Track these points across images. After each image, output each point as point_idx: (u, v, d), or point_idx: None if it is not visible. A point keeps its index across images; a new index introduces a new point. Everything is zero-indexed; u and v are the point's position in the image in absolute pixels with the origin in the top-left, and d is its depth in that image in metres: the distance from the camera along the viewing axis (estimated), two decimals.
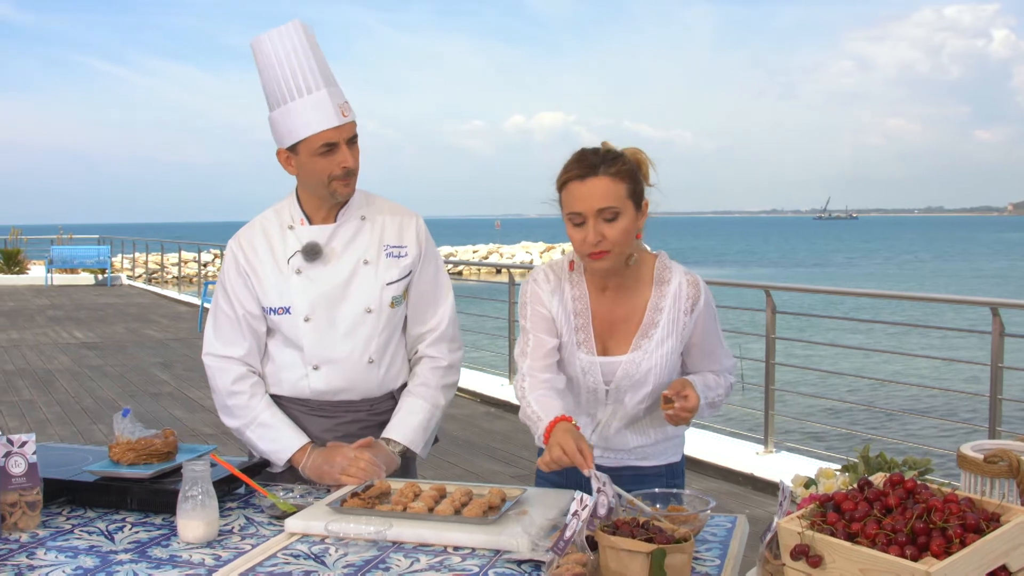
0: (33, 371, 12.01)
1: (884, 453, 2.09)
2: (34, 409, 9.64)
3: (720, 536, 2.28)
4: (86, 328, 16.61)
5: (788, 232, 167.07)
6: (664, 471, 2.80)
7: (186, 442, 2.83)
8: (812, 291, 8.43)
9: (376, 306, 2.88)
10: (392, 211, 3.00)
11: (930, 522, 1.68)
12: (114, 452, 2.63)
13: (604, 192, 2.49)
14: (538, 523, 2.25)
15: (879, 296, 8.31)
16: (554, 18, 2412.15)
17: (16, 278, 26.83)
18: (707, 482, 7.01)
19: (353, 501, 2.43)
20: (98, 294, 23.64)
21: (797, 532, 1.77)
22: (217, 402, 2.96)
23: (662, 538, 1.82)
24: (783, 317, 7.54)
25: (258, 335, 2.93)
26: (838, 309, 24.56)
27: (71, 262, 26.95)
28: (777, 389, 7.52)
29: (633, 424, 2.74)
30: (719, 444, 7.69)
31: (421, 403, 2.94)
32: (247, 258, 2.92)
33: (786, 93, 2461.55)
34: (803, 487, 2.12)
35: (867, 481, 1.86)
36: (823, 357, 15.83)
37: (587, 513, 1.89)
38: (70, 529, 2.39)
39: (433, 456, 7.22)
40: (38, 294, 23.47)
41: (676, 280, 2.66)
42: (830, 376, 12.87)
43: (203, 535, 2.28)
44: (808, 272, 58.88)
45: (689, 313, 2.64)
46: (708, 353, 2.73)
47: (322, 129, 2.73)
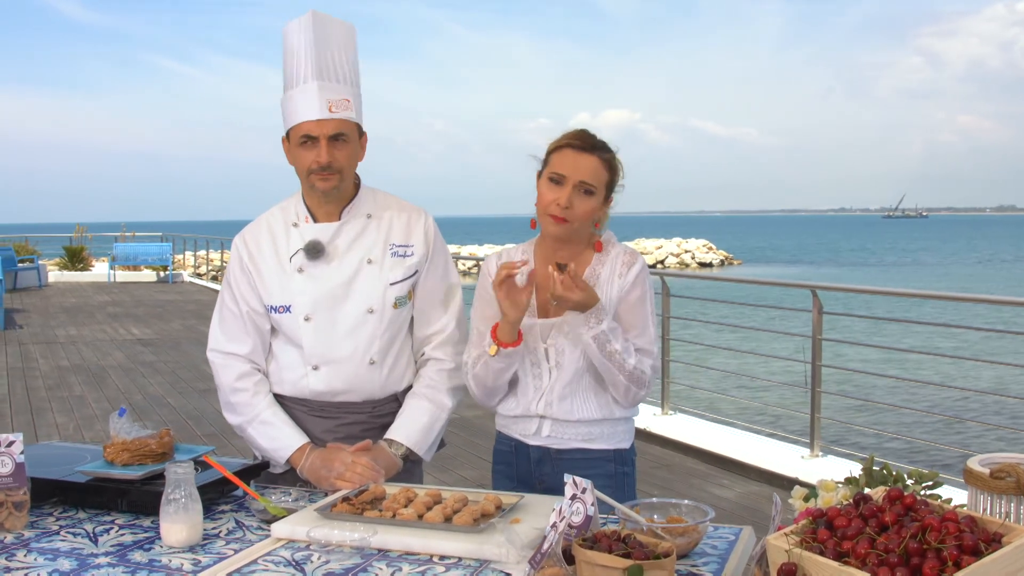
0: (87, 367, 12.16)
1: (888, 465, 1.96)
2: (84, 405, 9.75)
3: (720, 549, 2.17)
4: (143, 325, 16.81)
5: (856, 231, 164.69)
6: (612, 456, 2.80)
7: (217, 440, 2.79)
8: (859, 291, 8.21)
9: (378, 306, 2.81)
10: (399, 209, 2.93)
11: (925, 542, 1.56)
12: (108, 452, 2.59)
13: (592, 169, 2.68)
14: (529, 532, 2.16)
15: (922, 296, 8.06)
16: (620, 15, 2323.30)
17: (80, 275, 27.30)
18: (749, 485, 6.86)
19: (343, 506, 2.36)
20: (159, 291, 23.94)
21: (784, 550, 1.66)
22: (221, 398, 2.93)
23: (640, 553, 1.71)
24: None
25: (262, 333, 2.89)
26: (913, 312, 24.00)
27: (133, 259, 27.35)
28: (825, 392, 7.34)
29: (575, 391, 2.75)
30: (763, 446, 7.53)
31: (426, 404, 2.87)
32: (251, 255, 2.88)
33: (854, 90, 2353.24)
34: (802, 500, 2.00)
35: (863, 496, 1.74)
36: (900, 360, 15.52)
37: (564, 524, 1.80)
38: (57, 530, 2.35)
39: (442, 461, 7.20)
40: (100, 291, 23.84)
41: (616, 250, 2.79)
42: (887, 379, 12.58)
43: (185, 539, 2.22)
44: (893, 271, 57.83)
45: (621, 276, 2.74)
46: (630, 327, 2.74)
47: (302, 120, 2.70)
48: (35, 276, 24.72)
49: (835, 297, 17.54)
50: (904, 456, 9.20)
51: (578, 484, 1.99)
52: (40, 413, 9.38)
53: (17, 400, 10.03)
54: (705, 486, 6.87)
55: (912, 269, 59.15)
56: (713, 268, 57.70)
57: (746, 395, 12.05)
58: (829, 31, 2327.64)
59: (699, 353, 12.30)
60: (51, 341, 14.59)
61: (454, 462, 7.35)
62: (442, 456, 7.66)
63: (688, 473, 7.22)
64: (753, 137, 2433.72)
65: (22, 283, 24.00)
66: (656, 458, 7.56)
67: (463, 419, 8.55)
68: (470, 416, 8.76)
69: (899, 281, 45.87)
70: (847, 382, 12.44)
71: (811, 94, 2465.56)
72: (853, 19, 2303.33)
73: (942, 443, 8.89)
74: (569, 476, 2.03)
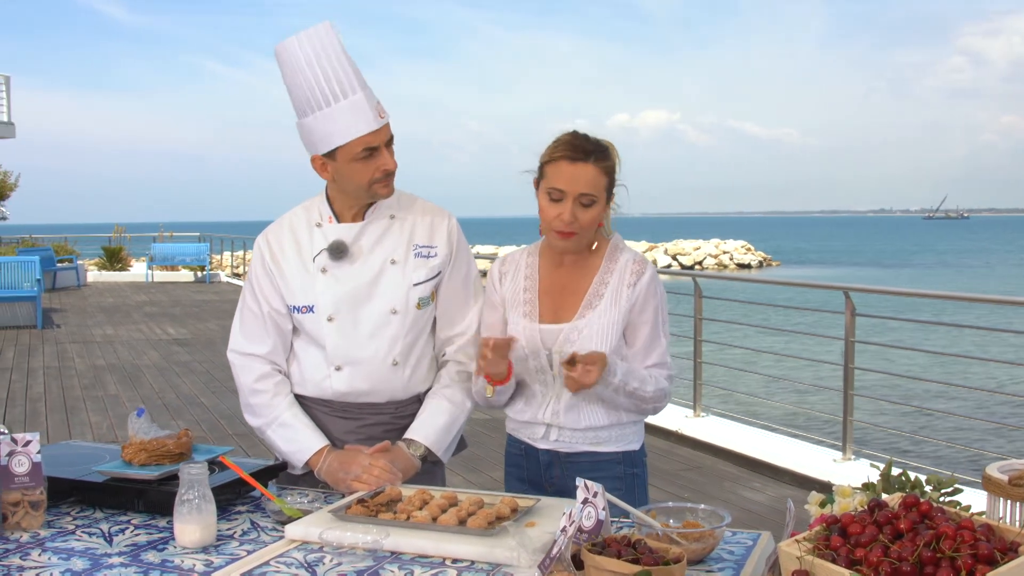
0: (122, 366, 12.27)
1: (907, 471, 1.92)
2: (118, 404, 9.84)
3: (737, 555, 2.13)
4: (179, 324, 16.95)
5: (896, 232, 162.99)
6: (621, 458, 2.77)
7: (248, 440, 2.79)
8: (891, 293, 8.10)
9: (402, 307, 2.80)
10: (423, 210, 2.91)
11: (939, 550, 1.52)
12: (126, 452, 2.59)
13: (590, 179, 2.62)
14: (542, 536, 2.13)
15: (954, 299, 7.93)
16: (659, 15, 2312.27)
17: (118, 275, 27.58)
18: (781, 488, 6.79)
19: (357, 508, 2.34)
20: (196, 291, 24.12)
21: (796, 556, 1.63)
22: (241, 400, 2.93)
23: (649, 559, 1.69)
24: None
25: (283, 333, 2.88)
26: (960, 315, 23.60)
27: (171, 259, 27.60)
28: (857, 394, 7.25)
29: (582, 400, 2.71)
30: (795, 449, 7.46)
31: (446, 404, 2.86)
32: (273, 255, 2.87)
33: (896, 90, 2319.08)
34: (819, 505, 1.97)
35: (878, 502, 1.70)
36: (946, 364, 15.30)
37: (573, 529, 1.77)
38: (73, 530, 2.36)
39: (472, 462, 7.17)
40: (138, 290, 24.07)
41: (625, 257, 2.74)
42: (923, 383, 12.41)
43: (199, 539, 2.22)
44: (938, 272, 57.11)
45: (632, 286, 2.69)
46: (640, 338, 2.71)
47: (362, 134, 2.64)
48: (74, 276, 25.01)
49: (877, 299, 17.35)
50: (942, 462, 9.07)
51: (590, 488, 1.97)
52: (75, 412, 9.48)
53: (52, 399, 10.14)
54: (736, 489, 6.81)
55: (956, 271, 58.45)
56: (752, 269, 57.34)
57: (779, 397, 11.94)
58: (871, 30, 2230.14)
59: (733, 355, 12.22)
60: (88, 340, 14.74)
61: (484, 463, 7.32)
62: (472, 457, 7.70)
63: (719, 476, 7.16)
64: (794, 137, 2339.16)
65: (61, 283, 24.29)
66: (687, 460, 7.50)
67: (494, 420, 8.52)
68: (501, 417, 8.68)
69: (941, 283, 45.33)
70: (885, 384, 12.30)
71: (852, 94, 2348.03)
72: (895, 18, 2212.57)
73: (984, 448, 8.76)
74: (581, 480, 2.01)
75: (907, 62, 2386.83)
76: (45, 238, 28.47)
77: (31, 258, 17.66)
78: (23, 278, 16.90)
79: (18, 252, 22.08)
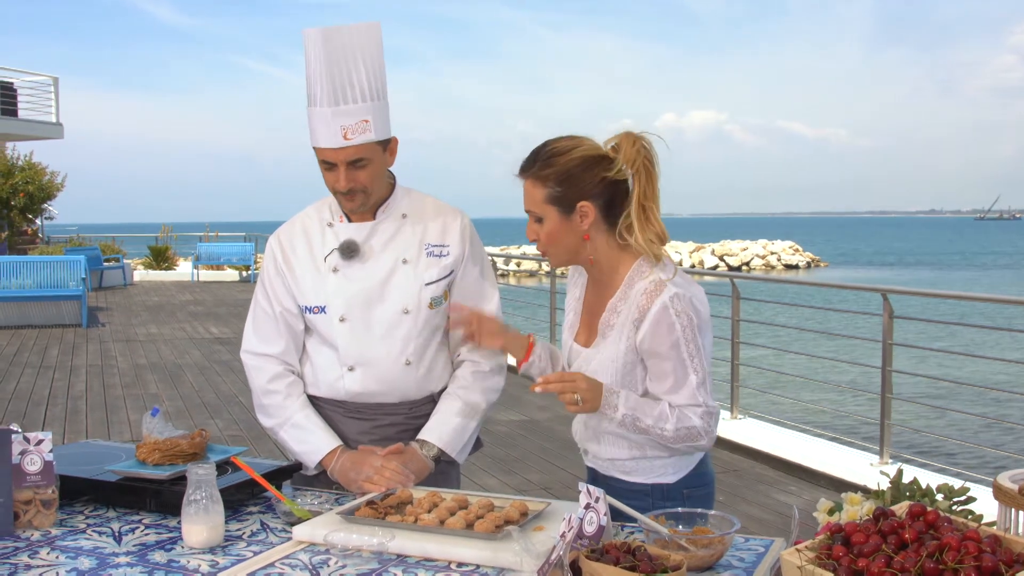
0: (164, 365, 12.39)
1: (917, 479, 1.87)
2: (157, 402, 9.93)
3: (747, 562, 2.09)
4: (222, 323, 17.08)
5: (947, 233, 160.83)
6: (650, 490, 2.56)
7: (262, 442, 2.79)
8: (930, 295, 7.97)
9: (414, 307, 2.78)
10: (436, 209, 2.89)
11: (942, 562, 1.48)
12: (141, 452, 2.60)
13: (527, 195, 2.52)
14: (547, 541, 2.10)
15: (997, 301, 7.79)
16: (707, 15, 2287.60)
17: (164, 274, 27.87)
18: (817, 492, 6.70)
19: (365, 510, 2.33)
20: (240, 290, 24.31)
21: (797, 566, 1.59)
22: (254, 401, 2.92)
23: (647, 566, 1.65)
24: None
25: (296, 333, 2.88)
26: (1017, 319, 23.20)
27: (216, 259, 27.85)
28: (895, 398, 7.14)
29: (602, 430, 2.57)
30: (832, 452, 7.36)
31: (459, 405, 2.83)
32: (285, 255, 2.87)
33: (946, 89, 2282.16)
34: (827, 513, 1.92)
35: (884, 511, 1.66)
36: (987, 366, 15.05)
37: (572, 535, 1.74)
38: (84, 529, 2.37)
39: (509, 463, 7.15)
40: (183, 290, 24.31)
41: (640, 285, 2.47)
42: (964, 387, 12.21)
43: (206, 540, 2.22)
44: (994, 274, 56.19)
45: (636, 323, 2.45)
46: (663, 375, 2.46)
47: (319, 145, 2.66)
48: (120, 275, 25.30)
49: (919, 302, 16.99)
50: (987, 466, 8.92)
51: (592, 493, 1.94)
52: (114, 410, 9.57)
53: (94, 397, 10.25)
54: (772, 492, 6.73)
55: (1015, 272, 57.51)
56: (799, 270, 56.81)
57: (817, 399, 11.81)
58: (920, 29, 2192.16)
59: (771, 357, 12.10)
60: (131, 339, 14.90)
61: (520, 465, 7.29)
62: (509, 458, 7.67)
63: (756, 479, 7.08)
64: (842, 138, 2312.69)
65: (107, 282, 24.58)
66: (725, 463, 7.43)
67: (532, 421, 8.49)
68: (540, 419, 8.69)
69: (995, 285, 44.62)
70: (925, 386, 12.12)
71: (902, 94, 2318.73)
72: (944, 17, 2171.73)
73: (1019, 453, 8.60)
74: (583, 484, 1.98)
75: (956, 61, 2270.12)
76: (93, 237, 28.82)
77: (77, 257, 17.88)
78: (69, 277, 17.12)
79: (65, 251, 22.38)
